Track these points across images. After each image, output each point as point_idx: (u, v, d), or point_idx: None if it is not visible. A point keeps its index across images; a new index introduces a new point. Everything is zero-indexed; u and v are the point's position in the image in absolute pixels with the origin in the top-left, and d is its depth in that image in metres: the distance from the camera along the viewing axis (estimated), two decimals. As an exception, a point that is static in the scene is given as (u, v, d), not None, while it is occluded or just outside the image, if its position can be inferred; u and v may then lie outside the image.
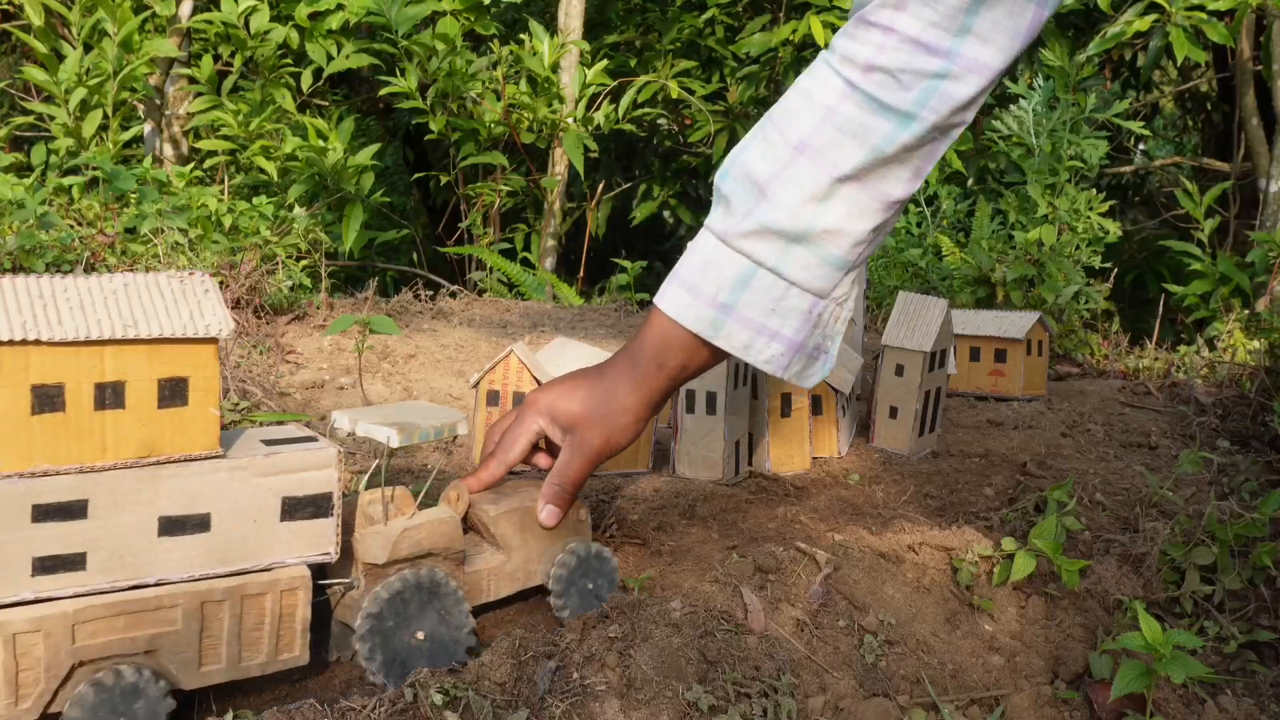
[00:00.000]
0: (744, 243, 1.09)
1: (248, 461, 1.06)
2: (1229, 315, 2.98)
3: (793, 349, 1.11)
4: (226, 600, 1.05)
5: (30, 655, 0.97)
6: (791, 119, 1.08)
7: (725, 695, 1.08)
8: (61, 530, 0.98)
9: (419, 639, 1.15)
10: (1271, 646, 1.29)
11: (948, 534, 1.41)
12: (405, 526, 1.14)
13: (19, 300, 0.96)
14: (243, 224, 2.85)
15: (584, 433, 1.19)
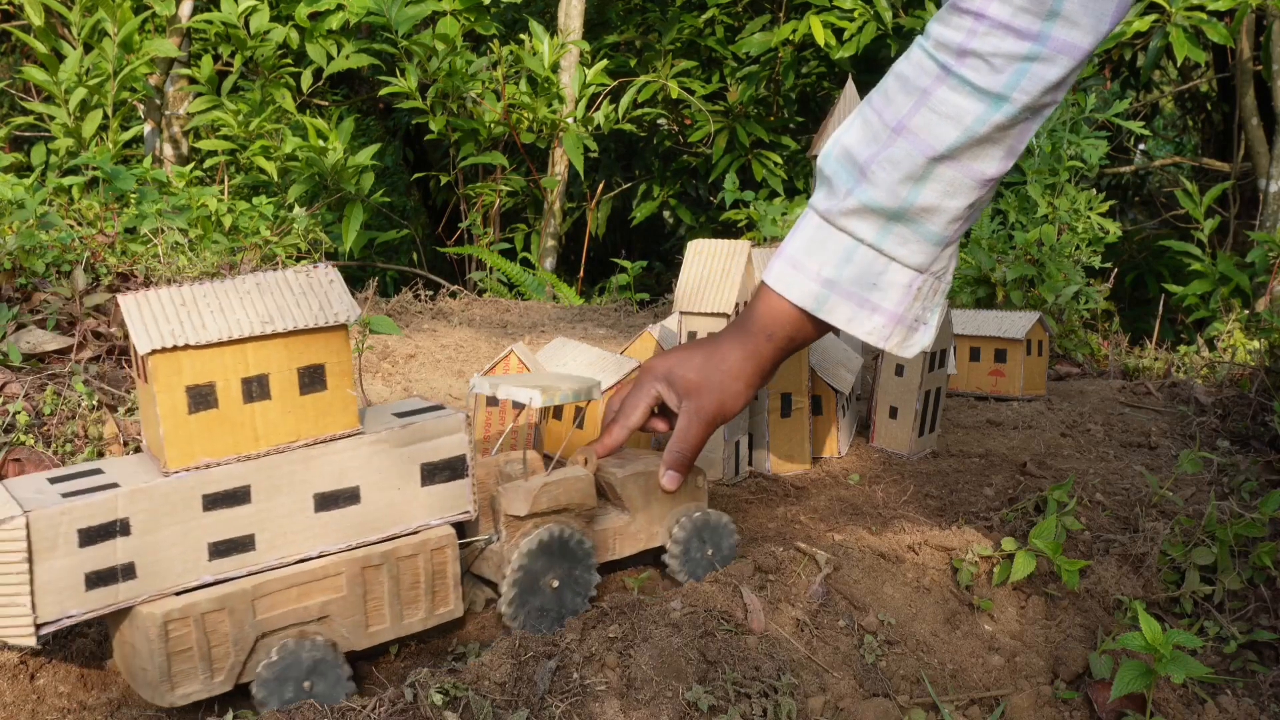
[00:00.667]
0: (846, 221, 1.14)
1: (387, 434, 1.14)
2: (1229, 315, 2.98)
3: (893, 321, 1.17)
4: (384, 564, 1.14)
5: (218, 632, 1.05)
6: (889, 102, 1.12)
7: (725, 695, 1.07)
8: (231, 516, 1.07)
9: (553, 588, 1.23)
10: (1271, 646, 1.29)
11: (948, 534, 1.41)
12: (545, 481, 1.22)
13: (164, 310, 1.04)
14: (243, 224, 2.85)
15: (700, 399, 1.25)
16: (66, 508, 1.00)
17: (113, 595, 1.02)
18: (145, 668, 1.04)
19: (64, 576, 1.00)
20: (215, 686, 1.06)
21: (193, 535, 1.05)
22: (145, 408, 1.09)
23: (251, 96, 3.95)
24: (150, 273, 2.31)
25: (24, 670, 1.17)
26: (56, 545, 0.99)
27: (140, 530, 1.03)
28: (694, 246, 1.71)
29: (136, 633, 1.04)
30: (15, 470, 1.41)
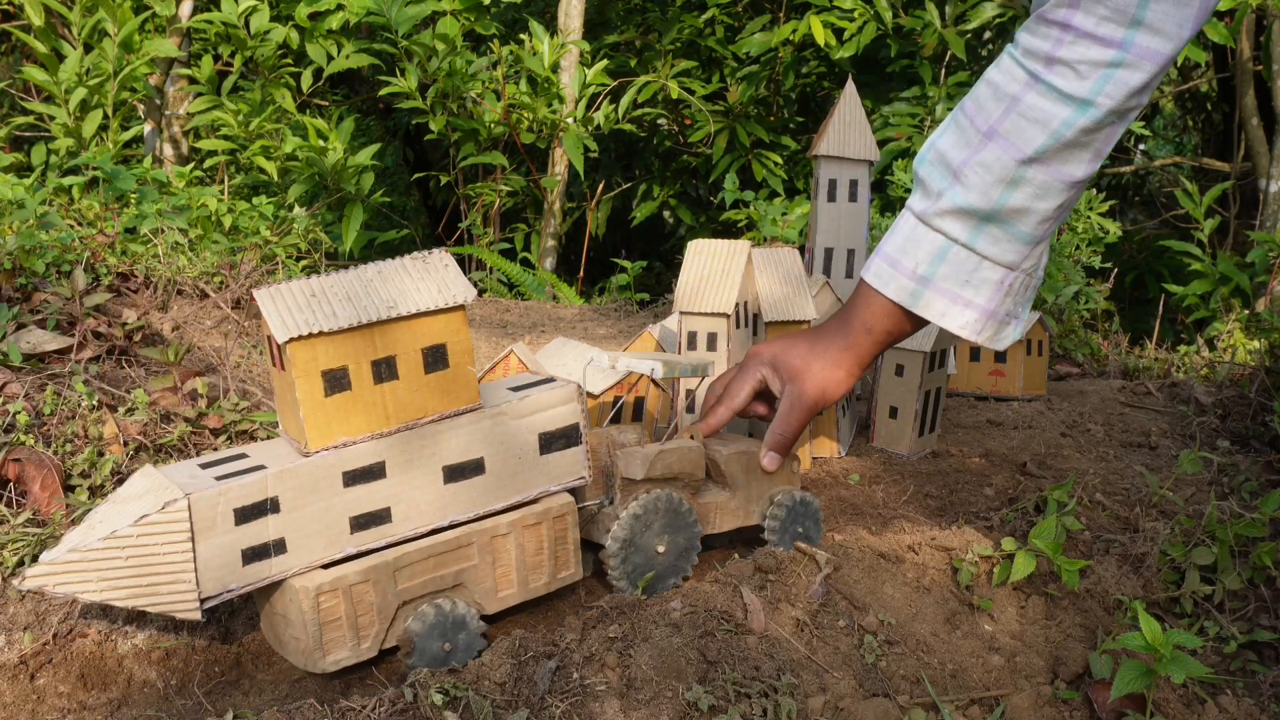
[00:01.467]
0: (940, 221, 1.20)
1: (506, 407, 1.21)
2: (1229, 315, 2.98)
3: (985, 316, 1.22)
4: (511, 533, 1.21)
5: (365, 602, 1.13)
6: (981, 108, 1.18)
7: (725, 695, 1.07)
8: (368, 491, 1.14)
9: (659, 553, 1.31)
10: (1271, 646, 1.29)
11: (948, 534, 1.41)
12: (661, 449, 1.30)
13: (296, 301, 1.11)
14: (243, 224, 2.85)
15: (802, 384, 1.31)
16: (223, 489, 1.07)
17: (266, 569, 1.10)
18: (298, 636, 1.11)
19: (223, 553, 1.07)
20: (363, 653, 1.14)
21: (335, 510, 1.12)
22: (282, 394, 1.16)
23: (251, 96, 3.95)
24: (150, 273, 2.31)
25: (24, 670, 1.18)
26: (215, 524, 1.07)
27: (288, 507, 1.10)
28: (694, 246, 1.71)
29: (289, 604, 1.11)
30: (15, 470, 1.41)
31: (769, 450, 1.35)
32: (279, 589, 1.12)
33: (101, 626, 1.25)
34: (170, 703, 1.16)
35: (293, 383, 1.10)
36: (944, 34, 4.28)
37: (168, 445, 1.53)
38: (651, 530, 1.29)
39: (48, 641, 1.21)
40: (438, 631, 1.16)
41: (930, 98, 4.43)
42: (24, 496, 1.40)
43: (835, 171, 1.92)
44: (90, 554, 1.05)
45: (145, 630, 1.26)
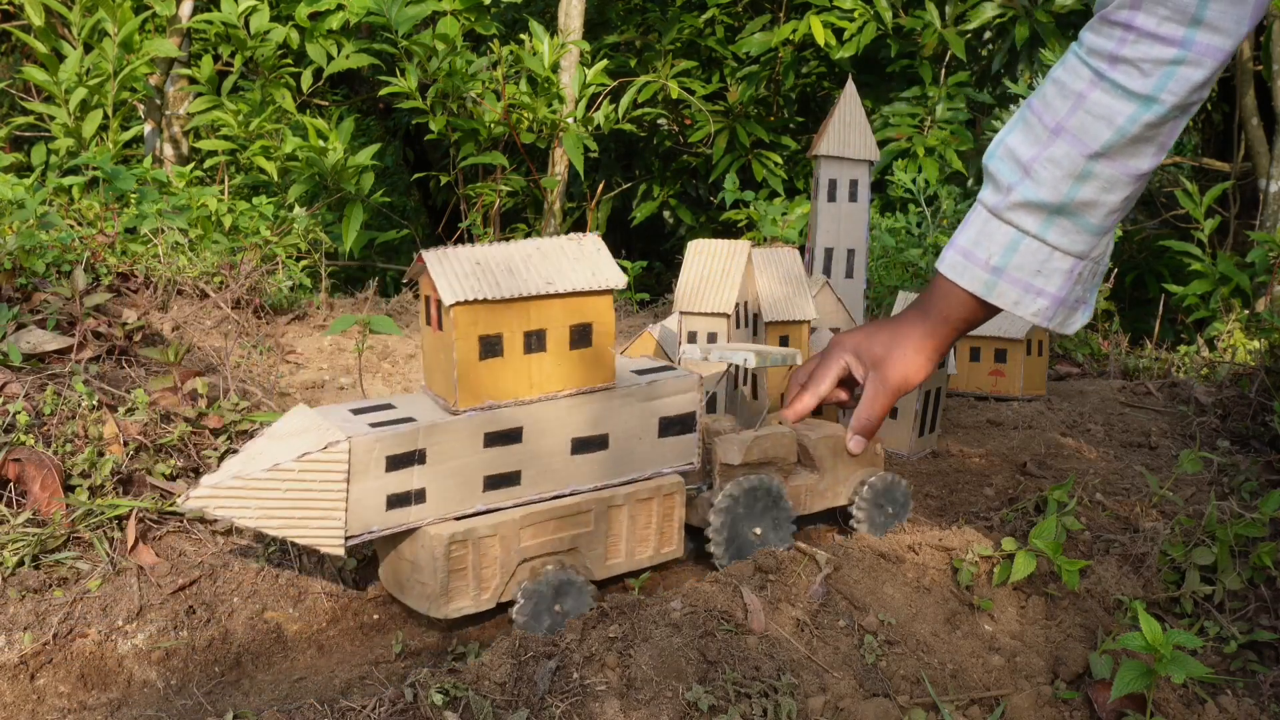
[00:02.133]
0: (1011, 215, 1.26)
1: (635, 389, 1.29)
2: (1229, 315, 2.98)
3: (1056, 303, 1.28)
4: (625, 505, 1.29)
5: (489, 555, 1.20)
6: (1048, 105, 1.23)
7: (725, 695, 1.07)
8: (504, 453, 1.21)
9: (756, 534, 1.37)
10: (1271, 646, 1.29)
11: (948, 534, 1.41)
12: (756, 435, 1.37)
13: (463, 267, 1.18)
14: (243, 224, 2.85)
15: (886, 370, 1.37)
16: (380, 436, 1.14)
17: (405, 516, 1.17)
18: (426, 582, 1.19)
19: (371, 496, 1.15)
20: (482, 603, 1.21)
21: (473, 468, 1.20)
22: (434, 353, 1.23)
23: (251, 96, 3.95)
24: (150, 273, 2.31)
25: (24, 670, 1.18)
26: (369, 468, 1.14)
27: (433, 460, 1.17)
28: (694, 246, 1.70)
29: (421, 551, 1.18)
30: (15, 470, 1.41)
31: (854, 434, 1.42)
32: (410, 536, 1.20)
33: (101, 626, 1.25)
34: (170, 703, 1.16)
35: (451, 344, 1.17)
36: (944, 34, 4.28)
37: (168, 445, 1.53)
38: (749, 513, 1.36)
39: (48, 641, 1.21)
40: (551, 591, 1.23)
41: (930, 98, 4.43)
42: (24, 496, 1.40)
43: (835, 171, 1.92)
44: (253, 482, 1.11)
45: (145, 630, 1.26)
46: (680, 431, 1.33)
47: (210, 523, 1.42)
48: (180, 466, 1.49)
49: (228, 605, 1.33)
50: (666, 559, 1.35)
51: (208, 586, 1.34)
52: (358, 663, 1.22)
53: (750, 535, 1.36)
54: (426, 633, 1.32)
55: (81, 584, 1.29)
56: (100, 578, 1.30)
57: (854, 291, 1.98)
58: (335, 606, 1.37)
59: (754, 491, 1.36)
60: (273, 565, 1.39)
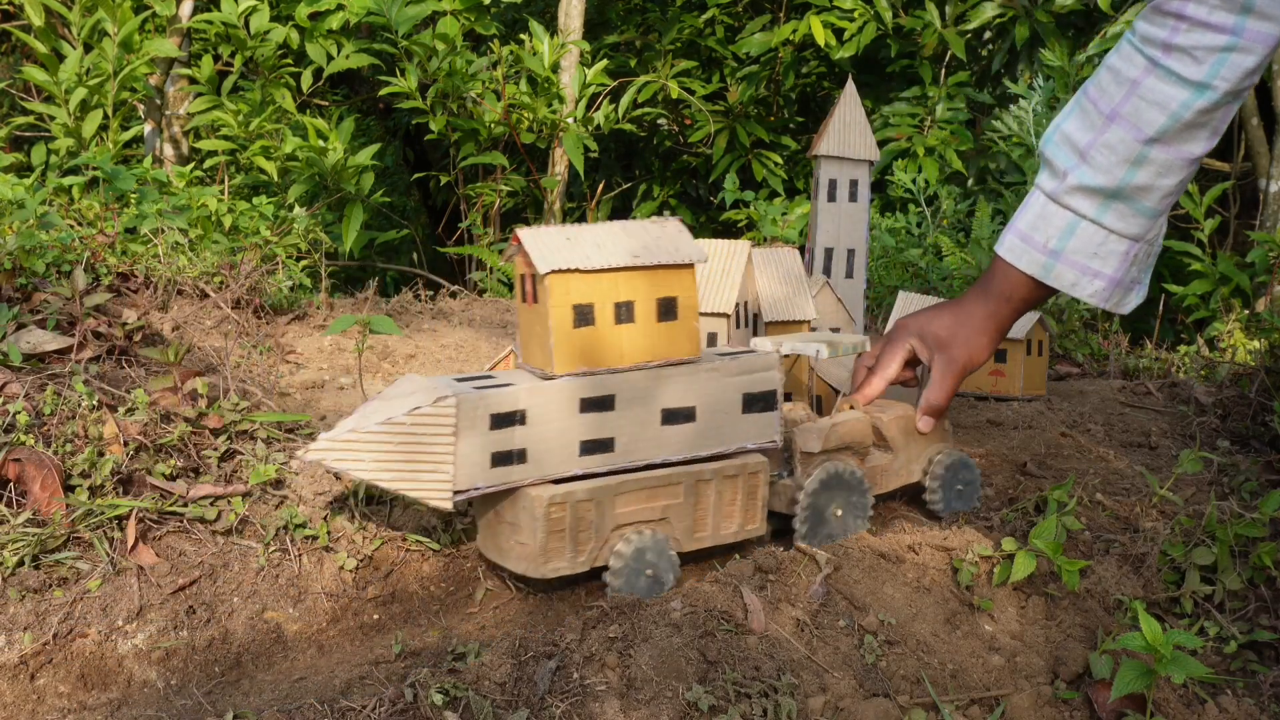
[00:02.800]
0: (1068, 199, 1.30)
1: (720, 364, 1.35)
2: (1229, 315, 2.98)
3: (1112, 284, 1.32)
4: (713, 480, 1.34)
5: (586, 519, 1.26)
6: (1103, 92, 1.28)
7: (725, 695, 1.07)
8: (598, 419, 1.27)
9: (837, 516, 1.42)
10: (1271, 646, 1.28)
11: (948, 534, 1.41)
12: (834, 423, 1.43)
13: (553, 241, 1.25)
14: (243, 224, 2.84)
15: (950, 350, 1.42)
16: (484, 395, 1.21)
17: (507, 475, 1.24)
18: (525, 542, 1.24)
19: (477, 452, 1.21)
20: (578, 565, 1.27)
21: (570, 432, 1.25)
22: (529, 327, 1.30)
23: (251, 96, 3.95)
24: (150, 273, 2.31)
25: (24, 670, 1.18)
26: (475, 425, 1.20)
27: (533, 422, 1.24)
28: (694, 246, 1.70)
29: (521, 512, 1.25)
30: (15, 470, 1.41)
31: (923, 414, 1.47)
32: (510, 498, 1.26)
33: (101, 626, 1.25)
34: (170, 703, 1.16)
35: (546, 313, 1.24)
36: (944, 34, 4.28)
37: (168, 445, 1.53)
38: (830, 497, 1.41)
39: (48, 641, 1.21)
40: (643, 558, 1.28)
41: (930, 98, 4.43)
42: (24, 496, 1.40)
43: (835, 171, 1.92)
44: (368, 435, 1.18)
45: (145, 630, 1.26)
46: (763, 409, 1.38)
47: (210, 522, 1.42)
48: (180, 466, 1.49)
49: (228, 605, 1.33)
50: (750, 536, 1.40)
51: (208, 586, 1.34)
52: (358, 663, 1.22)
53: (832, 517, 1.42)
54: (426, 633, 1.32)
55: (81, 584, 1.29)
56: (100, 578, 1.30)
57: (854, 291, 1.98)
58: (335, 606, 1.37)
59: (835, 478, 1.42)
60: (273, 565, 1.39)
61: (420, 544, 1.47)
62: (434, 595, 1.43)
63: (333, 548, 1.43)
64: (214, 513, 1.43)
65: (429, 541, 1.47)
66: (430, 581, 1.44)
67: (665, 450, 1.32)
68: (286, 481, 1.50)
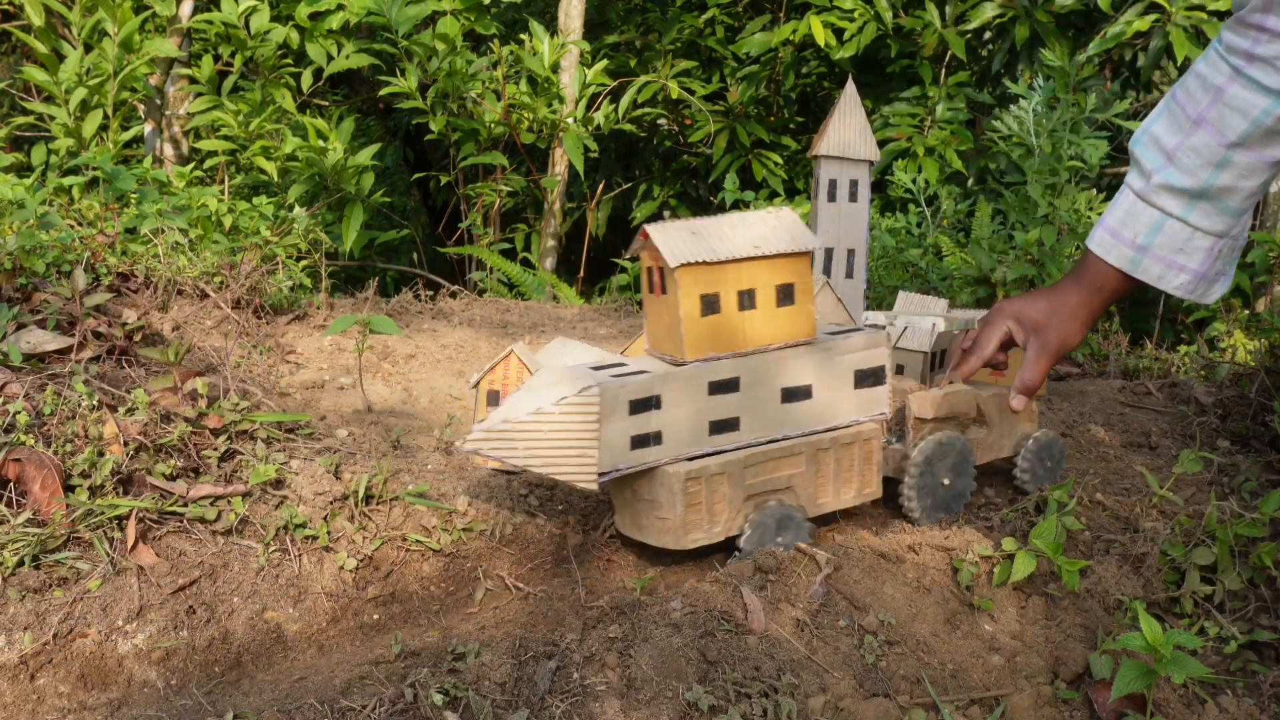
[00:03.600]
0: (1156, 198, 1.37)
1: (833, 344, 1.44)
2: (1229, 315, 2.97)
3: (1198, 278, 1.39)
4: (831, 449, 1.44)
5: (720, 492, 1.36)
6: (1190, 96, 1.34)
7: (725, 695, 1.07)
8: (725, 400, 1.37)
9: (945, 484, 1.52)
10: (1271, 646, 1.28)
11: (948, 534, 1.41)
12: (945, 392, 1.53)
13: (680, 236, 1.34)
14: (243, 224, 2.84)
15: (1046, 334, 1.49)
16: (624, 383, 1.31)
17: (646, 455, 1.33)
18: (665, 517, 1.34)
19: (618, 437, 1.31)
20: (714, 535, 1.37)
21: (700, 414, 1.35)
22: (657, 316, 1.40)
23: (251, 96, 3.95)
24: (150, 273, 2.31)
25: (24, 670, 1.18)
26: (615, 411, 1.30)
27: (667, 406, 1.33)
28: (694, 246, 1.70)
29: (660, 489, 1.34)
30: (15, 470, 1.41)
31: (1018, 393, 1.53)
32: (647, 477, 1.35)
33: (101, 626, 1.25)
34: (170, 703, 1.16)
35: (675, 304, 1.33)
36: (944, 34, 4.28)
37: (168, 445, 1.53)
38: (940, 463, 1.51)
39: (48, 641, 1.21)
40: (774, 524, 1.38)
41: (930, 98, 4.43)
42: (24, 496, 1.40)
43: (835, 171, 1.92)
44: (519, 425, 1.27)
45: (145, 630, 1.26)
46: (873, 384, 1.47)
47: (210, 522, 1.42)
48: (180, 466, 1.49)
49: (228, 605, 1.33)
50: (867, 499, 1.49)
51: (208, 586, 1.34)
52: (358, 663, 1.22)
53: (940, 484, 1.51)
54: (426, 632, 1.32)
55: (81, 584, 1.29)
56: (100, 578, 1.30)
57: (854, 291, 1.98)
58: (335, 606, 1.37)
59: (944, 444, 1.51)
60: (273, 565, 1.39)
61: (420, 544, 1.47)
62: (434, 595, 1.43)
63: (333, 548, 1.43)
64: (214, 513, 1.43)
65: (429, 541, 1.47)
66: (430, 581, 1.44)
67: (785, 427, 1.41)
68: (286, 481, 1.50)
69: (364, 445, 1.68)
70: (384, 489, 1.52)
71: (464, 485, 1.59)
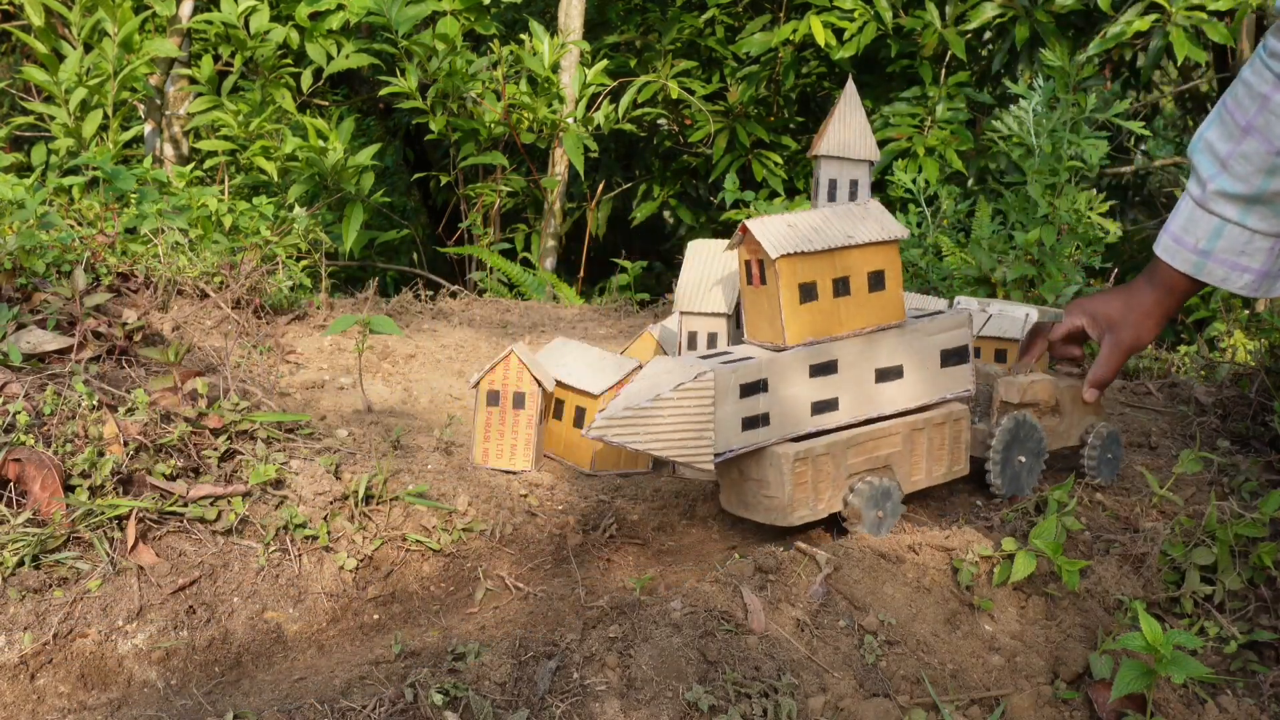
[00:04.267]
0: (1213, 205, 1.42)
1: (921, 325, 1.53)
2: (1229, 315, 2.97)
3: (1261, 277, 1.44)
4: (925, 429, 1.52)
5: (824, 470, 1.43)
6: (1239, 104, 1.38)
7: (725, 695, 1.07)
8: (825, 382, 1.45)
9: (1021, 462, 1.60)
10: (1271, 646, 1.28)
11: (948, 534, 1.41)
12: (1031, 380, 1.61)
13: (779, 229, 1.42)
14: (243, 224, 2.84)
15: (1120, 332, 1.57)
16: (734, 368, 1.38)
17: (754, 437, 1.40)
18: (774, 495, 1.42)
19: (731, 419, 1.38)
20: (819, 512, 1.43)
21: (802, 396, 1.43)
22: (757, 306, 1.47)
23: (251, 96, 3.95)
24: (150, 273, 2.31)
25: (24, 670, 1.18)
26: (727, 395, 1.37)
27: (773, 389, 1.41)
28: (694, 247, 1.70)
29: (768, 469, 1.42)
30: (15, 470, 1.41)
31: (1090, 386, 1.62)
32: (755, 457, 1.42)
33: (101, 626, 1.25)
34: (170, 703, 1.16)
35: (776, 293, 1.41)
36: (944, 34, 4.27)
37: (168, 445, 1.53)
38: (1019, 444, 1.58)
39: (48, 641, 1.21)
40: (874, 500, 1.45)
41: (930, 98, 4.43)
42: (24, 496, 1.40)
43: (835, 171, 1.92)
44: (641, 411, 1.35)
45: (145, 630, 1.26)
46: (958, 362, 1.55)
47: (210, 522, 1.42)
48: (180, 466, 1.49)
49: (228, 605, 1.33)
50: (956, 476, 1.56)
51: (208, 586, 1.34)
52: (358, 663, 1.22)
53: (1018, 463, 1.59)
54: (426, 632, 1.32)
55: (81, 584, 1.29)
56: (100, 578, 1.30)
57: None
58: (335, 606, 1.37)
59: (1023, 425, 1.59)
60: (273, 565, 1.39)
61: (420, 544, 1.47)
62: (434, 595, 1.43)
63: (333, 548, 1.43)
64: (214, 513, 1.43)
65: (429, 541, 1.47)
66: (430, 581, 1.44)
67: (880, 406, 1.49)
68: (286, 481, 1.50)
69: (364, 445, 1.68)
70: (384, 489, 1.52)
71: (464, 485, 1.59)
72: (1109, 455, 1.71)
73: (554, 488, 1.66)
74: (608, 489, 1.67)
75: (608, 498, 1.64)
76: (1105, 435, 1.70)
